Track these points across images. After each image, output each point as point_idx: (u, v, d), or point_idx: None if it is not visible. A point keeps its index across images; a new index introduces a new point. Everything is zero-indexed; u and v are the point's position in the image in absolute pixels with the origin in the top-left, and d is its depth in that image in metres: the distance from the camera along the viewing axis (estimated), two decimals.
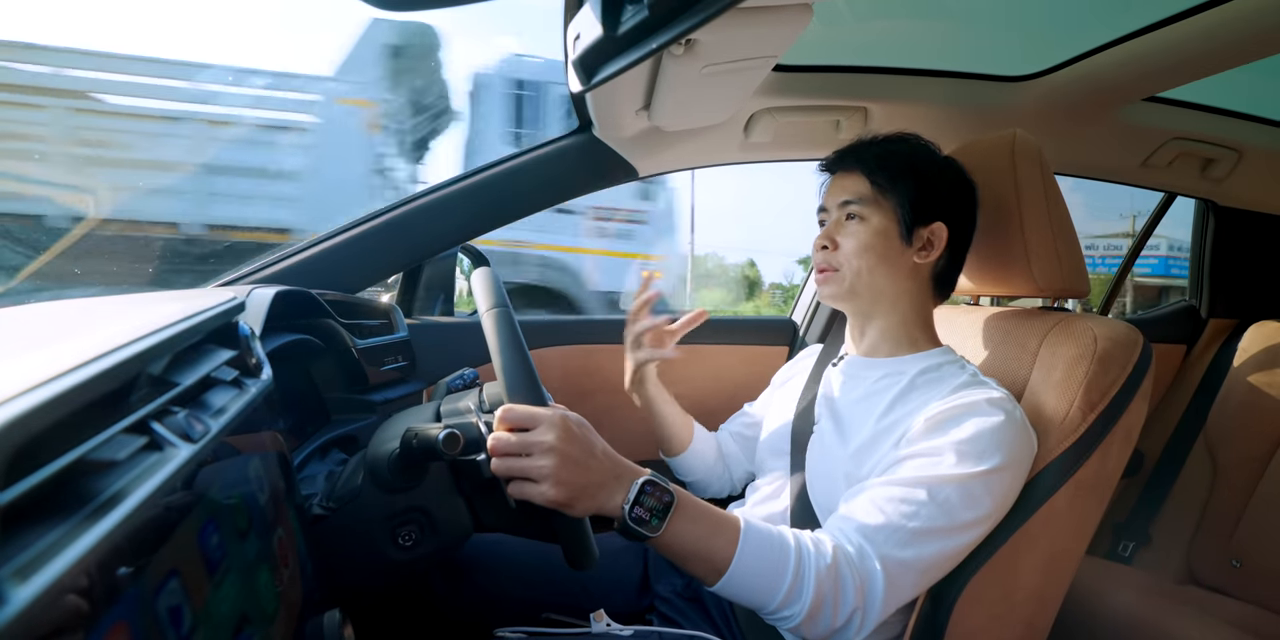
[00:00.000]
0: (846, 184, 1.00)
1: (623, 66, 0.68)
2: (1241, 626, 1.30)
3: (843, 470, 0.91)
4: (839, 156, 1.04)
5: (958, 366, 0.95)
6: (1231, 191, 1.76)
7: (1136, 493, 1.80)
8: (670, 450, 1.22)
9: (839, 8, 1.19)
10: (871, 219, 0.97)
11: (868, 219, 0.97)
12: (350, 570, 0.77)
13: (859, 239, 0.97)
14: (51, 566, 0.28)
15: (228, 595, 0.45)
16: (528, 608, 1.02)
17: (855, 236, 0.97)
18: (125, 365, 0.39)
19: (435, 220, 1.40)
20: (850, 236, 0.98)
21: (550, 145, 1.43)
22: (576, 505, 0.68)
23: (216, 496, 0.47)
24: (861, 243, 0.97)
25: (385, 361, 1.26)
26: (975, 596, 0.86)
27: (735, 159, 1.60)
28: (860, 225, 0.97)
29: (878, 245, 0.96)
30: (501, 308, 0.75)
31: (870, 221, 0.97)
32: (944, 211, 0.98)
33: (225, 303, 0.62)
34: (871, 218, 0.97)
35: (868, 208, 0.97)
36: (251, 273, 1.28)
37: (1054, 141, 1.49)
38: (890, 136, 1.03)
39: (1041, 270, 1.00)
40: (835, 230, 1.00)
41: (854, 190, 0.98)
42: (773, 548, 0.75)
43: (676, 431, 1.21)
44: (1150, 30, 1.16)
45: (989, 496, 0.81)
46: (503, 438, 0.68)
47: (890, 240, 0.96)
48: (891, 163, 0.98)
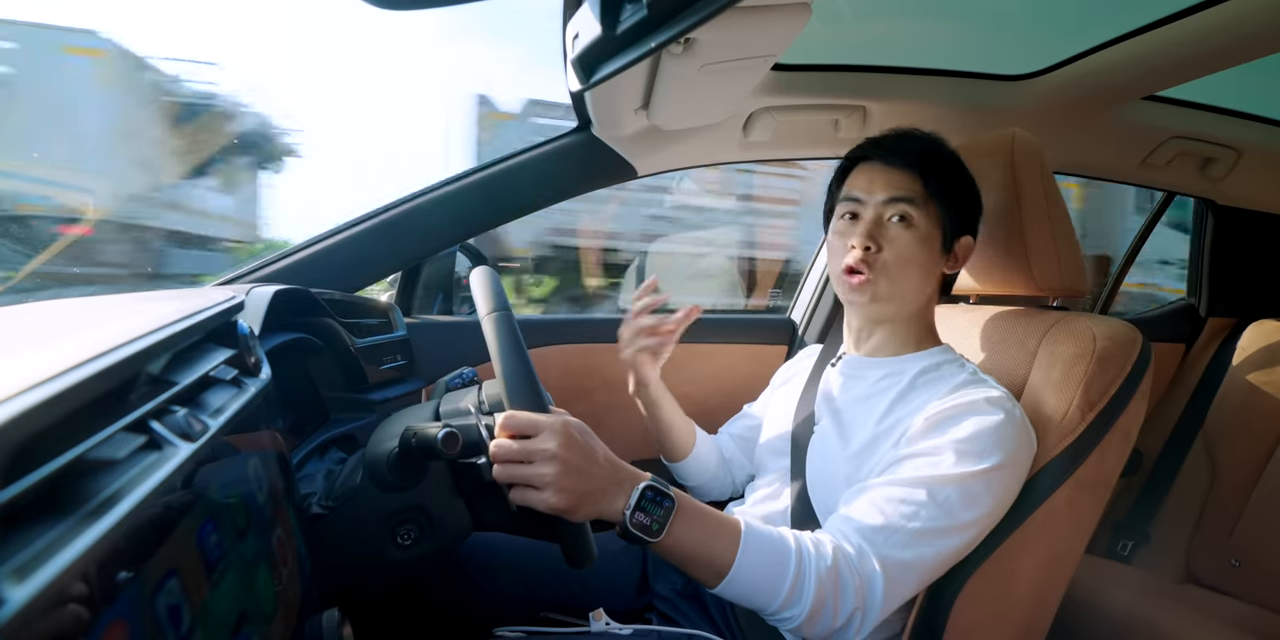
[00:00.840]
0: (895, 179, 0.94)
1: (622, 65, 0.68)
2: (1240, 626, 1.30)
3: (843, 471, 0.91)
4: (888, 145, 0.97)
5: (957, 365, 0.95)
6: (1230, 190, 1.76)
7: (1135, 492, 1.80)
8: (673, 456, 1.22)
9: (838, 7, 1.19)
10: (920, 225, 0.92)
11: (916, 224, 0.92)
12: (349, 569, 0.77)
13: (905, 246, 0.92)
14: (50, 565, 0.28)
15: (226, 594, 0.45)
16: (526, 607, 1.02)
17: (901, 242, 0.92)
18: (124, 364, 0.39)
19: (433, 219, 1.40)
20: (895, 241, 0.93)
21: (549, 144, 1.43)
22: (578, 511, 0.68)
23: (215, 495, 0.47)
24: (909, 251, 0.92)
25: (384, 360, 1.26)
26: (974, 595, 0.86)
27: (734, 158, 1.60)
28: (907, 230, 0.92)
29: (920, 256, 0.93)
30: (502, 311, 0.75)
31: (919, 227, 0.92)
32: (972, 225, 0.98)
33: (224, 302, 0.62)
34: (920, 224, 0.92)
35: (918, 210, 0.92)
36: (251, 271, 1.28)
37: (1053, 140, 1.48)
38: (926, 134, 0.98)
39: (1041, 270, 1.00)
40: (879, 230, 0.94)
41: (907, 188, 0.93)
42: (773, 550, 0.75)
43: (679, 438, 1.20)
44: (1149, 29, 1.16)
45: (989, 495, 0.81)
46: (505, 444, 0.68)
47: (932, 251, 0.94)
48: (941, 165, 0.94)
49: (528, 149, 1.43)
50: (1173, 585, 1.57)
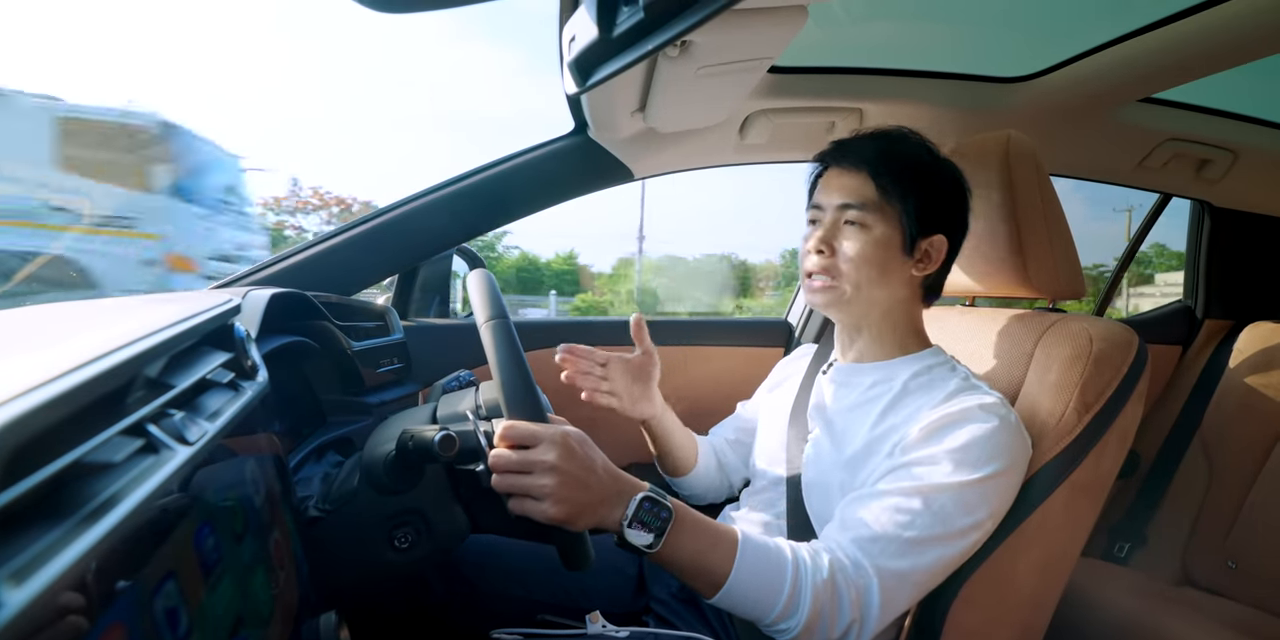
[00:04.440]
0: (848, 183, 0.94)
1: (618, 68, 0.68)
2: (1237, 628, 1.30)
3: (837, 479, 0.91)
4: (839, 149, 0.97)
5: (948, 369, 0.94)
6: (1227, 192, 1.76)
7: (1132, 494, 1.80)
8: (676, 473, 1.21)
9: (834, 9, 1.19)
10: (875, 227, 0.92)
11: (870, 227, 0.92)
12: (346, 572, 0.77)
13: (859, 248, 0.92)
14: (48, 569, 0.28)
15: (223, 597, 0.45)
16: (523, 609, 1.02)
17: (855, 245, 0.92)
18: (121, 368, 0.39)
19: (430, 222, 1.40)
20: (849, 243, 0.92)
21: (546, 147, 1.43)
22: (577, 522, 0.69)
23: (212, 499, 0.47)
24: (863, 253, 0.91)
25: (381, 363, 1.26)
26: (971, 599, 0.86)
27: (731, 160, 1.61)
28: (861, 233, 0.92)
29: (878, 256, 0.92)
30: (500, 319, 0.75)
31: (873, 230, 0.92)
32: (945, 222, 0.95)
33: (221, 305, 0.62)
34: (875, 226, 0.92)
35: (871, 214, 0.92)
36: (247, 275, 1.28)
37: (1049, 142, 1.49)
38: (891, 132, 0.97)
39: (1037, 271, 1.00)
40: (832, 234, 0.94)
41: (857, 193, 0.93)
42: (770, 562, 0.76)
43: (684, 455, 1.20)
44: (1145, 31, 1.17)
45: (985, 503, 0.81)
46: (504, 455, 0.68)
47: (891, 251, 0.92)
48: (897, 165, 0.92)
49: (524, 151, 1.44)
50: (1169, 587, 1.57)
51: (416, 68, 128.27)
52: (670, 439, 1.18)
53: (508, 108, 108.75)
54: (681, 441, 1.19)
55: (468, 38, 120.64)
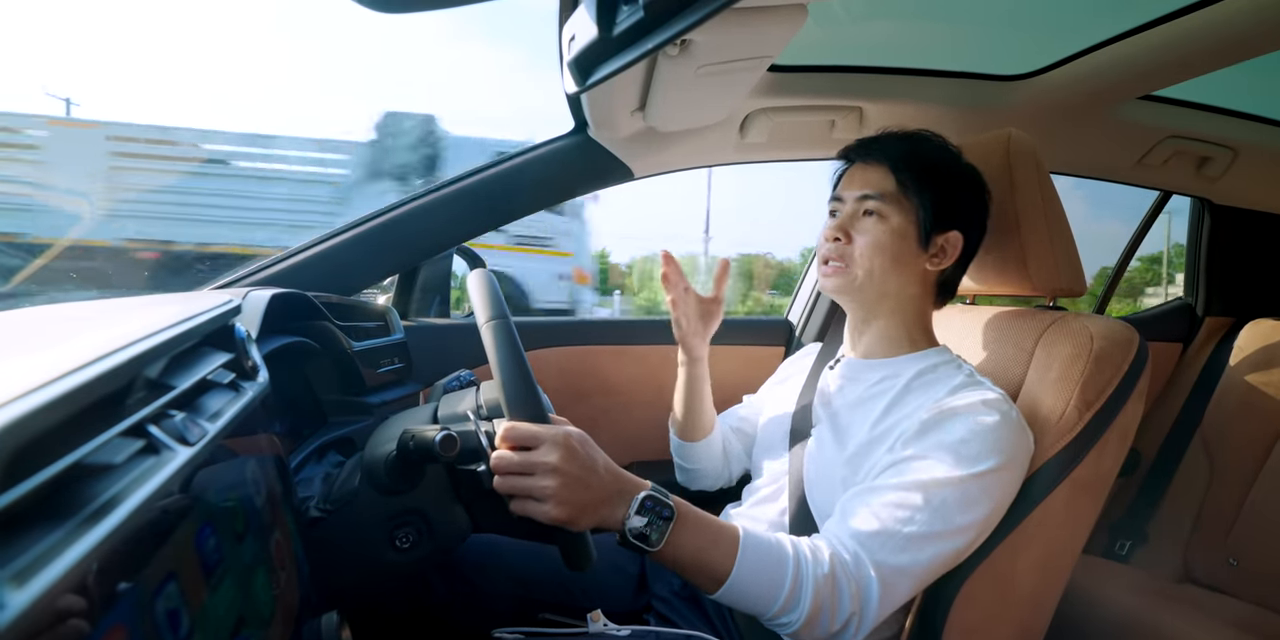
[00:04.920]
0: (869, 176, 0.97)
1: (618, 67, 0.68)
2: (1238, 625, 1.30)
3: (839, 475, 0.91)
4: (863, 146, 1.01)
5: (954, 367, 0.95)
6: (1227, 190, 1.76)
7: (1133, 491, 1.80)
8: (690, 436, 1.22)
9: (834, 8, 1.19)
10: (891, 218, 0.95)
11: (887, 218, 0.95)
12: (347, 572, 0.77)
13: (875, 237, 0.95)
14: (49, 570, 0.28)
15: (225, 598, 0.45)
16: (525, 608, 1.02)
17: (871, 233, 0.95)
18: (122, 368, 0.39)
19: (431, 222, 1.40)
20: (866, 233, 0.95)
21: (546, 146, 1.43)
22: (579, 522, 0.69)
23: (213, 499, 0.47)
24: (877, 241, 0.94)
25: (382, 363, 1.26)
26: (972, 596, 0.86)
27: (731, 159, 1.60)
28: (878, 222, 0.95)
29: (893, 246, 0.94)
30: (500, 319, 0.74)
31: (890, 220, 0.95)
32: (962, 220, 0.97)
33: (221, 306, 0.62)
34: (891, 217, 0.95)
35: (889, 205, 0.95)
36: (248, 275, 1.28)
37: (1049, 141, 1.49)
38: (915, 133, 1.00)
39: (1038, 270, 1.00)
40: (850, 223, 0.97)
41: (877, 184, 0.96)
42: (771, 557, 0.76)
43: (703, 419, 1.21)
44: (1144, 29, 1.17)
45: (986, 498, 0.81)
46: (505, 456, 0.69)
47: (907, 243, 0.95)
48: (918, 162, 0.95)
49: (524, 151, 1.43)
50: (1170, 585, 1.57)
51: (416, 68, 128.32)
52: (700, 389, 1.19)
53: (506, 107, 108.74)
54: (706, 401, 1.21)
55: (466, 37, 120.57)
